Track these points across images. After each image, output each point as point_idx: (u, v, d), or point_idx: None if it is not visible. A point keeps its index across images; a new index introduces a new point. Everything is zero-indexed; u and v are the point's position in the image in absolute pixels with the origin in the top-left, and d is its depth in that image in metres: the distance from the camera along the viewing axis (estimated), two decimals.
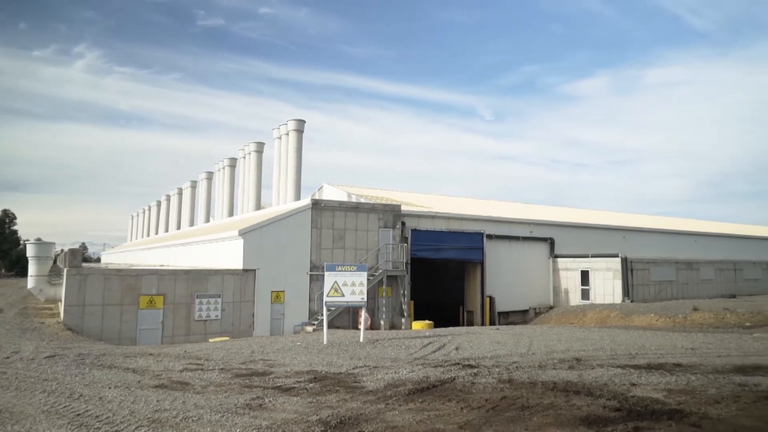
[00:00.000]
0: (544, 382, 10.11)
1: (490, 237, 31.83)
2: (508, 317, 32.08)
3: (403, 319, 26.86)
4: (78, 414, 8.12)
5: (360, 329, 18.44)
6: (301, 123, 36.46)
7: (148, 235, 76.65)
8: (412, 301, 27.74)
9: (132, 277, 21.48)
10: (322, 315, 19.30)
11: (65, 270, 20.66)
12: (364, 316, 18.58)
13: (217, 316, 22.74)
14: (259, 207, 42.00)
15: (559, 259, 35.01)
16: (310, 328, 23.53)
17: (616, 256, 32.68)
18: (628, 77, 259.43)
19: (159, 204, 73.74)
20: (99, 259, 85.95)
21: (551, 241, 35.30)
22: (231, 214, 48.05)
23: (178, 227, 62.60)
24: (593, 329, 21.27)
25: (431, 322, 25.26)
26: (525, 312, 33.19)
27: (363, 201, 30.00)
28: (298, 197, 35.14)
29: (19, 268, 70.98)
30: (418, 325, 24.91)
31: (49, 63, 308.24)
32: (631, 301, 31.48)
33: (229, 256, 24.99)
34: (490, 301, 31.33)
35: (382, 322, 26.08)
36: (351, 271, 17.82)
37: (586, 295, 33.36)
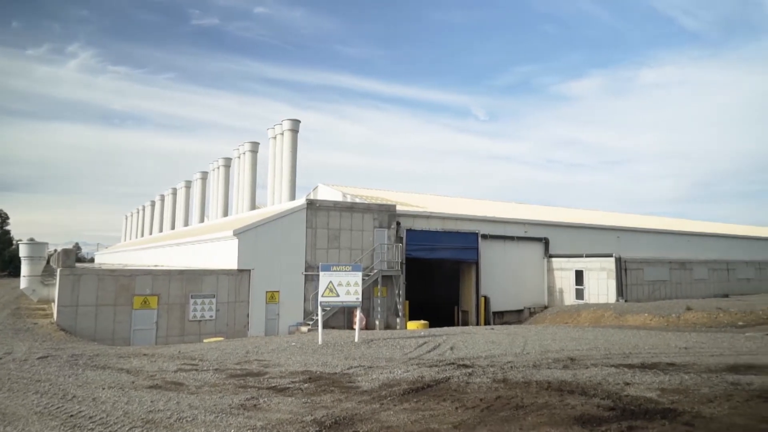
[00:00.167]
0: (538, 381, 10.14)
1: (484, 237, 31.94)
2: (502, 317, 32.17)
3: (398, 319, 26.86)
4: (71, 415, 8.07)
5: (355, 329, 18.43)
6: (296, 123, 36.46)
7: (143, 235, 76.34)
8: (407, 301, 27.76)
9: (126, 277, 21.39)
10: (317, 315, 19.29)
11: (58, 270, 20.54)
12: (359, 316, 18.57)
13: (211, 316, 22.68)
14: (253, 207, 41.95)
15: (553, 259, 35.14)
16: (305, 329, 23.50)
17: (610, 255, 32.86)
18: (621, 78, 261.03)
19: (153, 204, 73.52)
20: (93, 260, 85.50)
21: (546, 241, 35.44)
22: (226, 214, 47.94)
23: (173, 227, 62.39)
24: (587, 329, 21.34)
25: (426, 322, 25.30)
26: (520, 312, 33.29)
27: (358, 201, 29.98)
28: (293, 197, 35.13)
29: (11, 268, 70.53)
30: (413, 325, 24.95)
31: (42, 62, 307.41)
32: (625, 301, 31.64)
33: (223, 256, 24.93)
34: (485, 300, 31.42)
35: (377, 322, 26.08)
36: (346, 271, 17.81)
37: (580, 294, 33.50)
